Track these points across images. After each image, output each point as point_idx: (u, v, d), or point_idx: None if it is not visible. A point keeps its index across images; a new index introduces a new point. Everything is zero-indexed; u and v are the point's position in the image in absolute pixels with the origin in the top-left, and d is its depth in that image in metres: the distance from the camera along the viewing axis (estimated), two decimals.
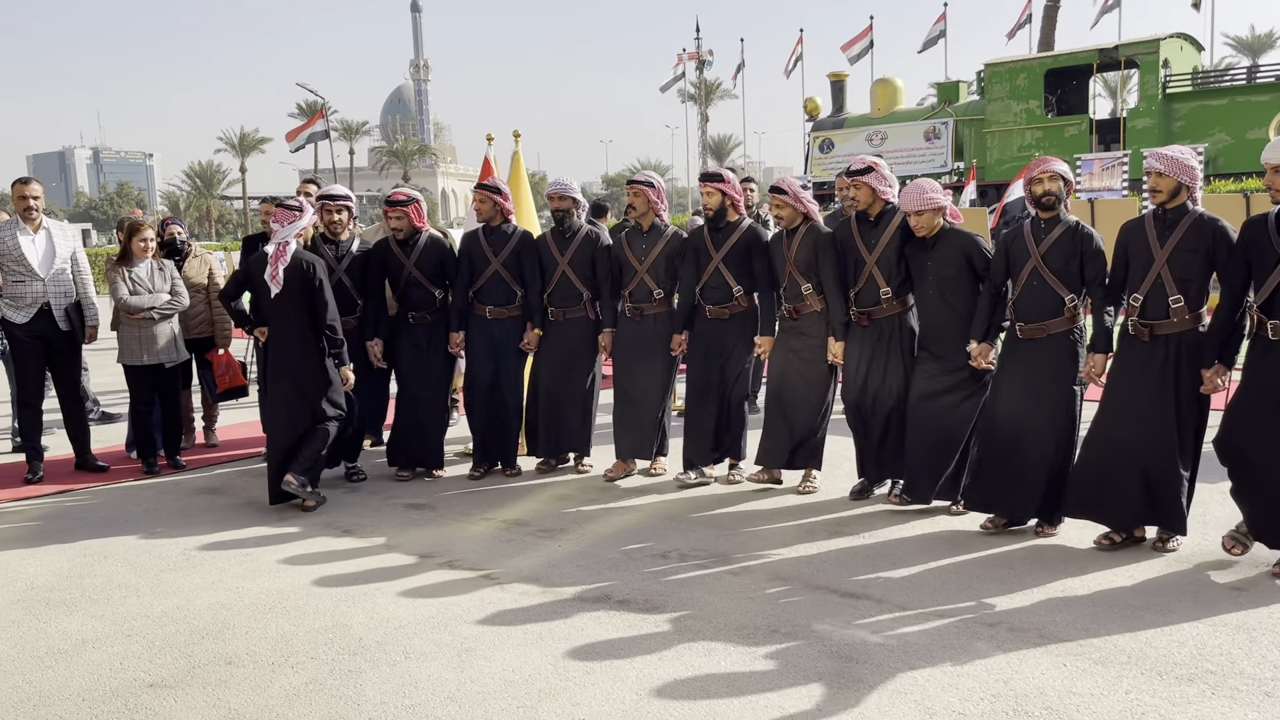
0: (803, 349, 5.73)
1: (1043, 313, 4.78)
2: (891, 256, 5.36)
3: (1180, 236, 4.39)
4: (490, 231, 6.33)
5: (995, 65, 20.28)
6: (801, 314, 5.72)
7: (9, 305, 6.48)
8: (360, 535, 5.29)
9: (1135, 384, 4.54)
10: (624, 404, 6.25)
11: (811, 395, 5.73)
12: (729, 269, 5.89)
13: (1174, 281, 4.39)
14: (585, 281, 6.26)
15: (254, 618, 4.17)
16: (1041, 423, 4.81)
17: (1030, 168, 4.87)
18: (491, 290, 6.28)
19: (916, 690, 3.36)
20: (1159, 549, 4.61)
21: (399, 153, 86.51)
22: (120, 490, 6.37)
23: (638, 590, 4.35)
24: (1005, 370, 4.95)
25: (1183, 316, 4.41)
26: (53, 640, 4.01)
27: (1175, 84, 18.72)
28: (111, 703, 3.46)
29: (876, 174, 5.35)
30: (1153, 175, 4.43)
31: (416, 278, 6.31)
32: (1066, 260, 4.73)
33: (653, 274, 6.11)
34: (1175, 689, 3.31)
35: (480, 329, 6.32)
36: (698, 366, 6.05)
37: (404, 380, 6.43)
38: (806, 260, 5.64)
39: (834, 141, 22.40)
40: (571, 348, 6.31)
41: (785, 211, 5.70)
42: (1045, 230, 4.80)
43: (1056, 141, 19.08)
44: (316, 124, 23.77)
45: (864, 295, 5.47)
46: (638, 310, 6.17)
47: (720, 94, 68.16)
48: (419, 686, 3.50)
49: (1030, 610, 3.99)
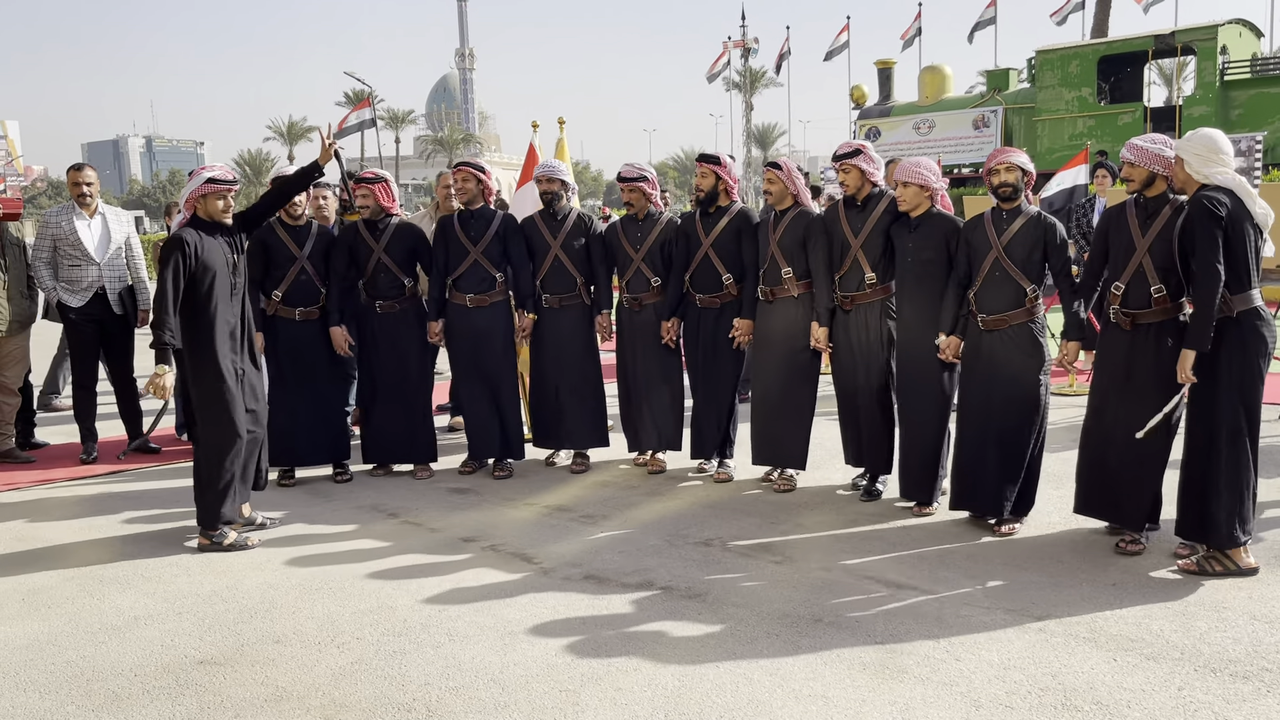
0: (773, 335, 5.62)
1: (1004, 303, 4.76)
2: (877, 241, 5.29)
3: (1161, 225, 4.31)
4: (468, 216, 6.07)
5: (1047, 52, 19.94)
6: (777, 297, 5.61)
7: (65, 289, 6.61)
8: (405, 518, 5.34)
9: (1119, 373, 4.44)
10: (628, 396, 6.17)
11: (787, 383, 5.62)
12: (718, 255, 5.78)
13: (1155, 271, 4.31)
14: (579, 266, 6.10)
15: (301, 598, 4.23)
16: (1009, 415, 4.77)
17: (989, 158, 4.86)
18: (471, 278, 6.01)
19: (962, 682, 3.32)
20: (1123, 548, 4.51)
21: (444, 141, 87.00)
22: (171, 471, 6.48)
23: (680, 577, 4.35)
24: (969, 363, 4.92)
25: (1164, 306, 4.31)
26: (106, 616, 4.09)
27: (1233, 71, 18.29)
28: (163, 678, 3.53)
29: (864, 156, 5.30)
30: (1125, 165, 4.40)
31: (385, 263, 6.02)
32: (1029, 251, 4.73)
33: (649, 262, 6.01)
34: (1229, 686, 3.24)
35: (461, 317, 6.06)
36: (694, 358, 6.00)
37: (375, 373, 6.12)
38: (791, 244, 5.55)
39: (881, 130, 22.17)
40: (568, 335, 6.13)
41: (776, 187, 5.59)
42: (1007, 221, 4.78)
43: (1109, 129, 18.74)
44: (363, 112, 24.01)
45: (847, 280, 5.39)
46: (635, 301, 6.06)
47: (765, 82, 67.71)
48: (462, 669, 3.53)
49: (1079, 604, 3.93)
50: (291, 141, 75.96)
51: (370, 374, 6.14)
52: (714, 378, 5.93)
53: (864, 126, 22.55)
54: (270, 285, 5.90)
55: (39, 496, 5.96)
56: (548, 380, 6.22)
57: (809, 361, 5.61)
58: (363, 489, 5.95)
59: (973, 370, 4.90)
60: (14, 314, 6.57)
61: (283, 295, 5.89)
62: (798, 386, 5.63)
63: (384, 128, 72.93)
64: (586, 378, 6.21)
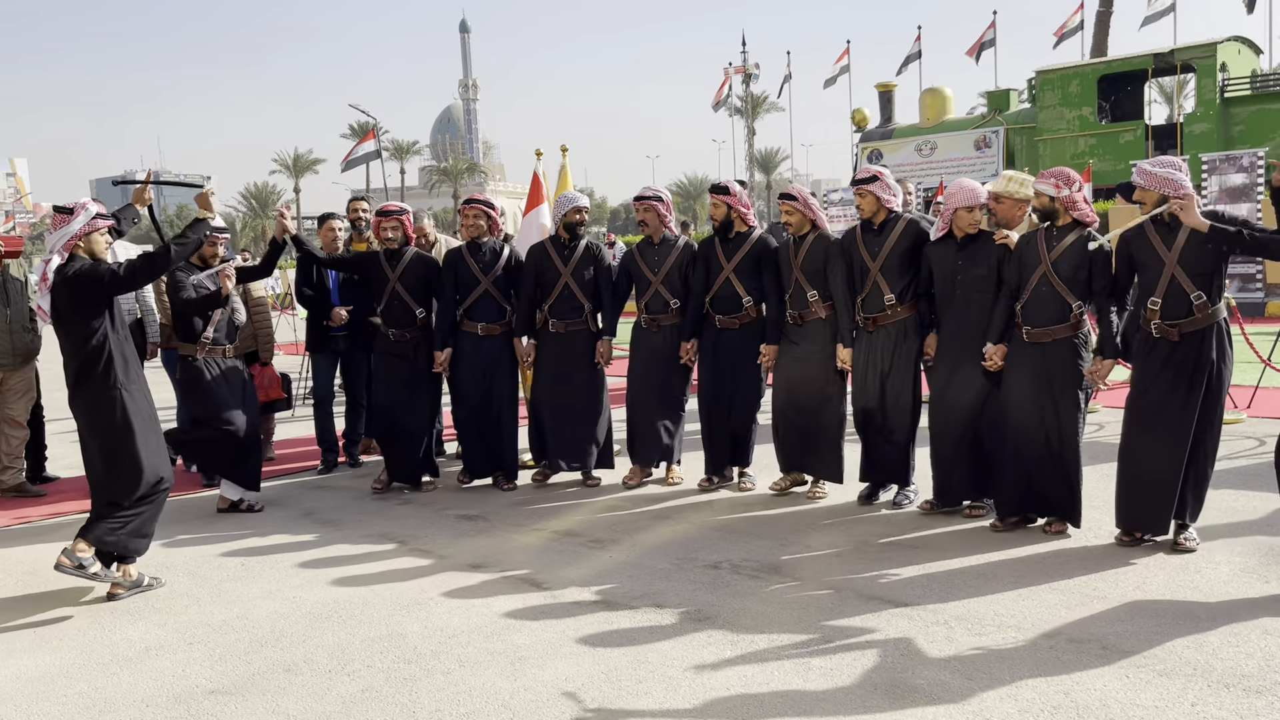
0: (808, 355, 5.78)
1: (1050, 318, 4.89)
2: (895, 264, 5.47)
3: (1187, 234, 4.47)
4: (477, 248, 6.32)
5: (1047, 72, 20.06)
6: (806, 320, 5.78)
7: None
8: (413, 546, 5.34)
9: (1166, 388, 4.56)
10: (637, 412, 6.30)
11: (822, 401, 5.80)
12: (740, 279, 5.96)
13: (1190, 279, 4.47)
14: (587, 293, 6.27)
15: (311, 626, 4.23)
16: (1049, 424, 4.92)
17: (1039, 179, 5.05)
18: (482, 307, 6.27)
19: (974, 701, 3.31)
20: (1181, 548, 4.64)
21: (449, 171, 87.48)
22: (180, 502, 6.49)
23: (690, 600, 4.34)
24: (1012, 373, 5.05)
25: (1205, 311, 4.48)
26: (117, 647, 4.10)
27: (1233, 88, 18.36)
28: (175, 709, 3.53)
29: (881, 183, 5.51)
30: (1137, 189, 4.60)
31: (399, 293, 6.29)
32: (1075, 269, 4.85)
33: (667, 285, 6.16)
34: (1243, 701, 3.22)
35: (472, 346, 6.29)
36: (710, 377, 6.11)
37: (387, 399, 6.41)
38: (814, 268, 5.71)
39: (883, 152, 22.27)
40: (574, 360, 6.29)
41: (795, 218, 5.78)
42: (1057, 238, 4.91)
43: (1110, 148, 18.81)
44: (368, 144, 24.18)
45: (869, 302, 5.57)
46: (654, 322, 6.22)
47: (767, 107, 68.01)
48: (473, 695, 3.52)
49: (1091, 621, 3.91)
50: (298, 174, 76.43)
51: (383, 400, 6.43)
52: (734, 394, 6.06)
53: (866, 149, 22.65)
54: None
55: (50, 528, 5.98)
56: (547, 403, 6.33)
57: (837, 378, 5.80)
58: (372, 517, 5.96)
59: (1015, 380, 5.01)
60: (15, 348, 6.63)
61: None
62: (834, 403, 5.82)
63: (389, 159, 73.39)
64: (592, 401, 6.32)
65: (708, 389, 6.14)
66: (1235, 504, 5.40)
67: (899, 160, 21.62)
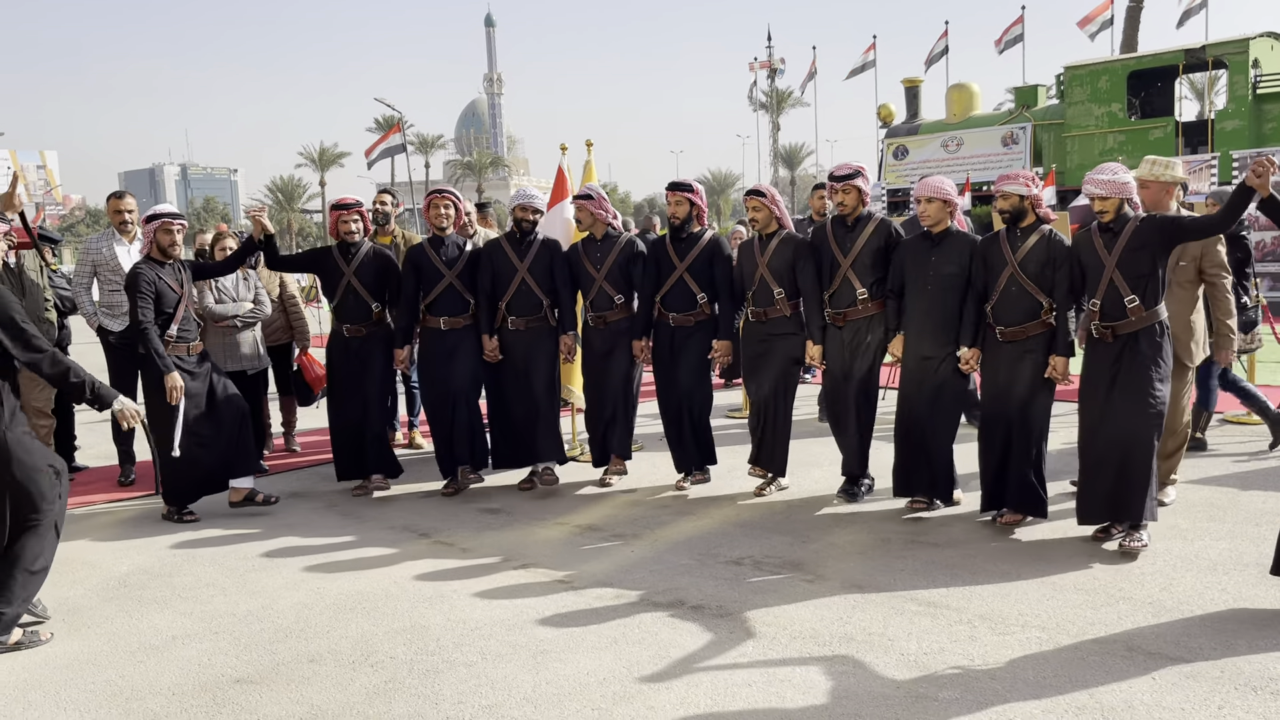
0: (775, 350, 5.83)
1: (1021, 316, 4.97)
2: (866, 259, 5.54)
3: (1125, 240, 4.61)
4: (440, 242, 6.21)
5: (1075, 68, 19.83)
6: (770, 318, 5.82)
7: (106, 313, 6.73)
8: (437, 538, 5.37)
9: (1104, 385, 4.71)
10: (595, 407, 6.33)
11: (778, 394, 5.89)
12: (693, 278, 5.96)
13: (1126, 281, 4.60)
14: (544, 289, 6.19)
15: (335, 617, 4.27)
16: (1024, 420, 5.02)
17: (996, 183, 5.10)
18: (446, 302, 6.16)
19: (997, 700, 3.29)
20: (1126, 548, 4.66)
21: (473, 165, 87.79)
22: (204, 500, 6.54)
23: (711, 596, 4.34)
24: (987, 371, 5.14)
25: (1140, 314, 4.60)
26: (144, 636, 4.15)
27: (1266, 84, 18.10)
28: (200, 697, 3.57)
29: (864, 178, 5.57)
30: (1096, 200, 4.66)
31: (354, 287, 6.19)
32: (1041, 266, 4.91)
33: (610, 281, 6.14)
34: (1270, 704, 3.19)
35: (436, 340, 6.19)
36: (666, 374, 6.14)
37: (343, 393, 6.30)
38: (780, 266, 5.74)
39: (908, 148, 22.10)
40: (530, 355, 6.20)
41: (761, 215, 5.80)
42: (1020, 239, 4.98)
43: (1140, 145, 18.57)
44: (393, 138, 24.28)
45: (839, 297, 5.63)
46: (600, 319, 6.19)
47: (792, 102, 67.79)
48: (495, 687, 3.54)
49: (1116, 622, 3.88)
50: (323, 168, 76.88)
51: (341, 395, 6.29)
52: (683, 390, 6.11)
53: (891, 145, 22.48)
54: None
55: (78, 518, 6.05)
56: (501, 398, 6.31)
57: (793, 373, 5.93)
58: (395, 510, 6.00)
59: (990, 378, 5.12)
60: None
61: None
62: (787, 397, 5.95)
63: (414, 153, 73.74)
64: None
65: (666, 389, 6.16)
66: (1265, 506, 5.34)
67: (925, 156, 21.46)
